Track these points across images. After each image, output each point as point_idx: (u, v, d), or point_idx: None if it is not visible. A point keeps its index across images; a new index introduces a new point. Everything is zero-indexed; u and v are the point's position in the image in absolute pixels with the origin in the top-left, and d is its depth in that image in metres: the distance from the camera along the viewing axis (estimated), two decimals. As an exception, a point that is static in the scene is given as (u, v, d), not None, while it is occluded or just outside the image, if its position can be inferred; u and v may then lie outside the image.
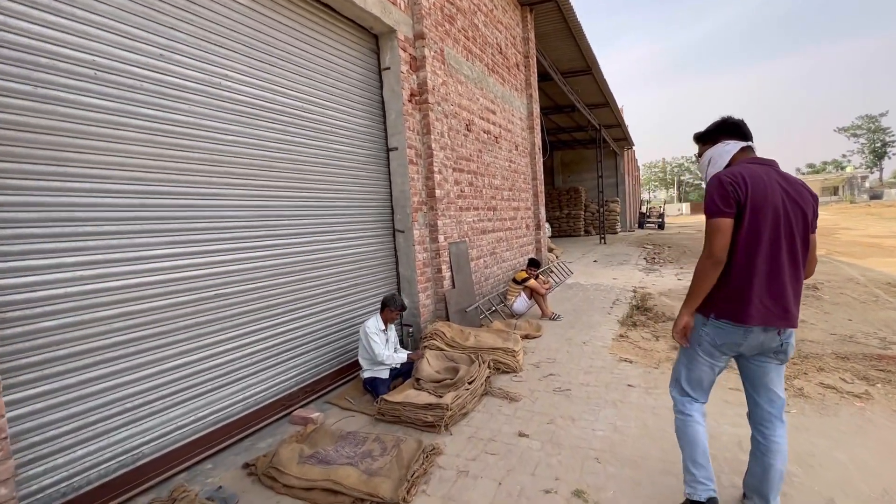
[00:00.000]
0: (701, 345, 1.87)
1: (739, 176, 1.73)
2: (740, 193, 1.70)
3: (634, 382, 3.59)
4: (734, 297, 1.75)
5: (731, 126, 1.94)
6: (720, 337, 1.81)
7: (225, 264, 2.95)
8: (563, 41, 10.24)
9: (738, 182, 1.71)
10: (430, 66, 4.81)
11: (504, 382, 3.76)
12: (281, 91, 3.42)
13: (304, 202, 3.61)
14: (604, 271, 10.21)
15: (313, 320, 3.68)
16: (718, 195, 1.73)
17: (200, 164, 2.81)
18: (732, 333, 1.77)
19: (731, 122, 1.95)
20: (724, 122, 1.97)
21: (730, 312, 1.76)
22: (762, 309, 1.71)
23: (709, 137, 2.00)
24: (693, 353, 1.92)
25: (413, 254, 4.65)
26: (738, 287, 1.74)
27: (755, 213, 1.70)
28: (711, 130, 1.99)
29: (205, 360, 2.80)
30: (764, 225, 1.70)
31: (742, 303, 1.73)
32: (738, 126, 1.93)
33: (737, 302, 1.74)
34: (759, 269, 1.72)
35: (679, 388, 2.02)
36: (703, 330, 1.85)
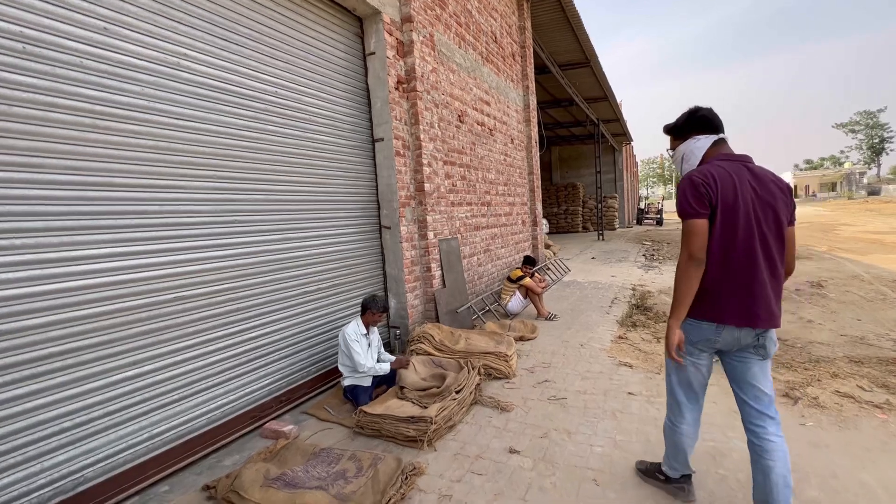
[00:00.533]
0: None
1: (710, 175, 1.71)
2: (711, 194, 1.68)
3: (635, 390, 3.34)
4: (709, 298, 1.74)
5: (701, 120, 1.88)
6: (693, 334, 1.81)
7: (185, 264, 2.67)
8: (560, 32, 9.93)
9: (709, 182, 1.69)
10: (418, 51, 4.52)
11: (495, 389, 3.50)
12: (250, 74, 3.13)
13: (280, 196, 3.33)
14: (602, 268, 9.96)
15: (289, 324, 3.40)
16: (692, 196, 1.71)
17: (153, 153, 2.52)
18: (705, 330, 1.77)
19: (700, 114, 1.88)
20: (693, 115, 1.90)
21: (704, 312, 1.75)
22: (741, 309, 1.70)
23: (679, 133, 1.95)
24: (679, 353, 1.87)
25: (400, 251, 4.38)
26: (712, 287, 1.73)
27: (726, 214, 1.69)
28: (681, 125, 1.94)
29: (161, 371, 2.53)
30: (737, 226, 1.69)
31: (716, 302, 1.73)
32: (709, 119, 1.87)
33: (710, 302, 1.74)
34: (734, 269, 1.71)
35: (670, 389, 2.00)
36: (683, 327, 1.83)
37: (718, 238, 1.70)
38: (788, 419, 2.76)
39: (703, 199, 1.69)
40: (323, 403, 3.38)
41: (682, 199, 1.73)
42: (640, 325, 5.24)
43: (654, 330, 5.01)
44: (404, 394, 3.16)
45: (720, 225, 1.70)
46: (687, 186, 1.73)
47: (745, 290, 1.70)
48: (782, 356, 3.89)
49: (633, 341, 4.63)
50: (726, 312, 1.71)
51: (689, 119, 1.91)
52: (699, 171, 1.74)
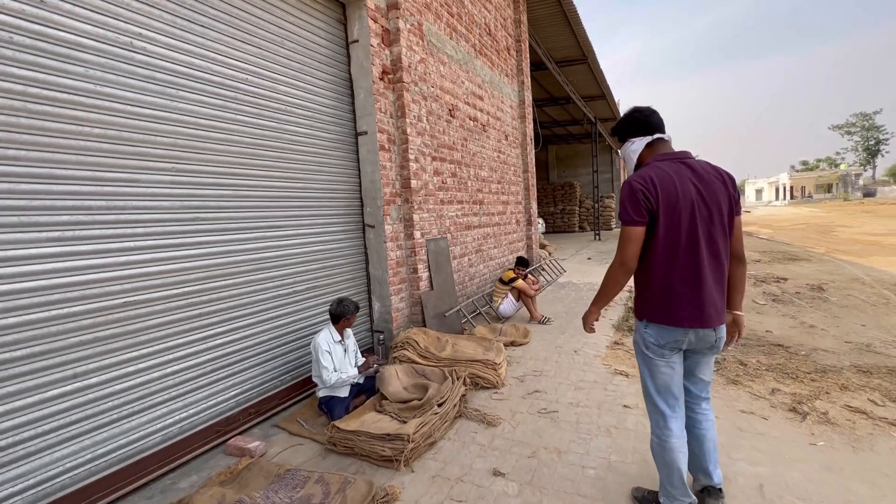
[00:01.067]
0: (648, 347, 1.86)
1: (649, 180, 1.70)
2: (651, 199, 1.68)
3: (631, 402, 3.11)
4: (661, 303, 1.77)
5: (636, 122, 1.89)
6: (661, 336, 1.80)
7: (139, 266, 2.42)
8: (557, 27, 9.69)
9: (648, 187, 1.69)
10: (405, 40, 4.27)
11: (482, 401, 3.27)
12: (217, 59, 2.88)
13: (251, 191, 3.08)
14: (598, 269, 9.74)
15: (260, 329, 3.16)
16: (630, 203, 1.70)
17: (101, 142, 2.27)
18: (672, 332, 1.77)
19: (635, 116, 1.90)
20: (628, 117, 1.91)
21: (662, 318, 1.78)
22: (692, 311, 1.72)
23: (620, 136, 1.96)
24: (646, 357, 1.88)
25: (385, 252, 4.14)
26: (663, 293, 1.75)
27: (669, 217, 1.68)
28: (617, 128, 1.95)
29: (108, 384, 2.28)
30: (680, 228, 1.69)
31: (670, 308, 1.75)
32: (643, 120, 1.88)
33: (665, 308, 1.76)
34: (681, 273, 1.72)
35: (650, 401, 1.93)
36: (645, 332, 1.85)
37: (663, 241, 1.71)
38: (797, 437, 2.55)
39: (641, 205, 1.68)
40: (296, 415, 3.14)
41: (620, 206, 1.75)
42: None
43: (651, 335, 4.79)
44: (383, 406, 2.92)
45: (664, 228, 1.70)
46: (626, 193, 1.72)
47: (693, 292, 1.71)
48: (786, 365, 3.68)
49: (629, 347, 4.41)
50: (680, 316, 1.73)
51: (624, 122, 1.92)
52: (638, 176, 1.73)
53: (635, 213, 1.70)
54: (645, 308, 1.84)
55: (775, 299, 6.37)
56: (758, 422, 2.75)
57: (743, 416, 2.82)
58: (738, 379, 3.40)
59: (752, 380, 3.39)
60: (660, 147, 1.87)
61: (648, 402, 1.95)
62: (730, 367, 3.67)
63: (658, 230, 1.71)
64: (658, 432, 1.90)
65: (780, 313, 5.60)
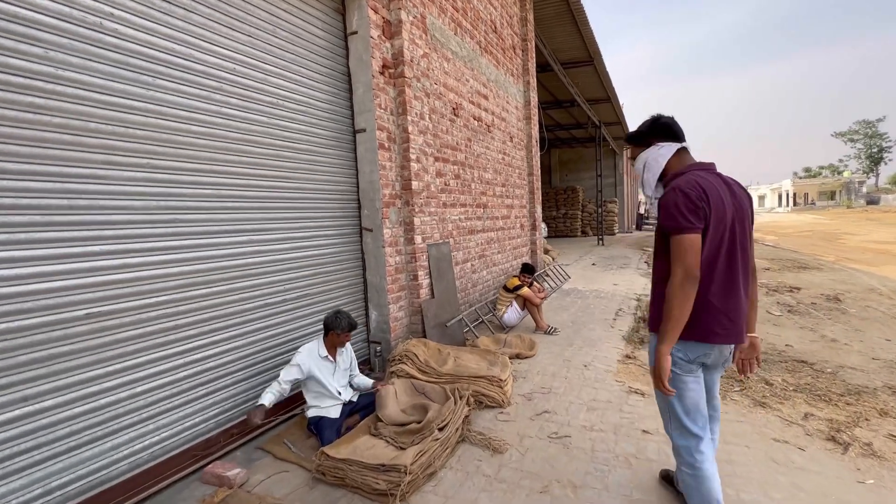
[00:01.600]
0: (676, 363, 1.73)
1: (699, 187, 1.63)
2: (706, 207, 1.62)
3: (651, 426, 2.84)
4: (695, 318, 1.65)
5: (663, 127, 1.86)
6: (691, 351, 1.72)
7: (105, 272, 2.16)
8: (563, 27, 9.47)
9: (702, 195, 1.62)
10: (407, 33, 4.03)
11: (487, 422, 3.00)
12: (200, 45, 2.62)
13: (236, 191, 2.83)
14: (604, 276, 9.48)
15: (246, 342, 2.89)
16: (687, 209, 1.61)
17: (60, 133, 2.01)
18: (702, 346, 1.71)
19: (662, 122, 1.86)
20: (656, 122, 1.88)
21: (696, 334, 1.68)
22: (727, 326, 1.67)
23: (641, 140, 1.91)
24: (674, 376, 1.73)
25: (383, 257, 3.87)
26: (698, 308, 1.65)
27: (714, 229, 1.64)
28: (643, 132, 1.90)
29: (65, 407, 2.01)
30: (722, 240, 1.65)
31: (704, 323, 1.67)
32: (670, 126, 1.85)
33: (698, 323, 1.66)
34: (717, 287, 1.66)
35: (679, 425, 1.78)
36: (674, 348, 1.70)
37: (705, 253, 1.64)
38: (841, 473, 2.27)
39: (699, 212, 1.60)
40: (283, 436, 2.86)
41: (675, 213, 1.62)
42: (647, 342, 4.76)
43: (664, 348, 4.52)
44: (378, 429, 2.65)
45: (708, 240, 1.64)
46: (680, 199, 1.62)
47: (728, 306, 1.66)
48: (815, 385, 3.41)
49: (642, 361, 4.14)
50: (714, 332, 1.66)
51: (652, 126, 1.87)
52: (688, 183, 1.66)
53: (695, 218, 1.60)
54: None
55: (791, 310, 6.10)
56: (794, 453, 2.47)
57: (777, 447, 2.54)
58: (765, 401, 3.13)
59: (780, 402, 3.12)
60: (685, 157, 1.83)
61: (676, 427, 1.80)
62: (754, 386, 3.40)
63: (705, 242, 1.64)
64: (690, 460, 1.75)
65: (798, 325, 5.32)
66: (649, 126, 1.89)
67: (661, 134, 1.86)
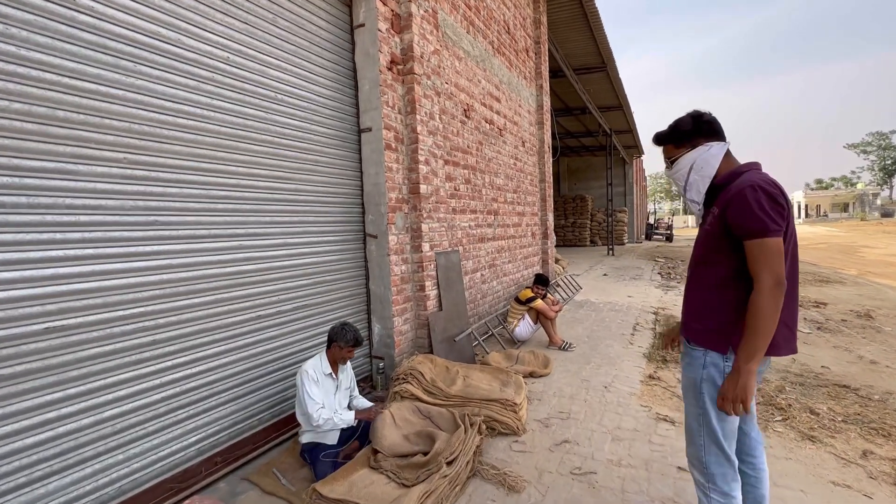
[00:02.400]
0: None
1: (779, 187, 1.48)
2: (787, 208, 1.48)
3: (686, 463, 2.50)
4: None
5: (707, 124, 1.65)
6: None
7: (71, 280, 1.89)
8: (577, 31, 9.23)
9: (782, 194, 1.48)
10: (417, 27, 3.78)
11: (501, 452, 2.68)
12: (191, 31, 2.38)
13: (227, 191, 2.56)
14: (616, 287, 9.13)
15: (233, 359, 2.61)
16: (772, 209, 1.44)
17: (21, 121, 1.75)
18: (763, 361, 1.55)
19: (706, 118, 1.66)
20: (699, 119, 1.66)
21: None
22: (787, 336, 1.54)
23: (682, 139, 1.69)
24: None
25: (388, 266, 3.59)
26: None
27: (787, 232, 1.50)
28: (686, 130, 1.68)
29: (18, 436, 1.73)
30: (789, 245, 1.53)
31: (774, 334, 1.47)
32: (715, 123, 1.66)
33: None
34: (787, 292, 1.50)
35: (718, 451, 1.57)
36: (728, 365, 1.54)
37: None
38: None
39: (783, 213, 1.45)
40: (273, 465, 2.57)
41: (759, 213, 1.43)
42: (671, 361, 4.43)
43: (689, 368, 4.18)
44: (378, 461, 2.34)
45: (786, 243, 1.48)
46: (764, 197, 1.44)
47: (789, 315, 1.54)
48: (865, 414, 3.06)
49: (666, 383, 3.80)
50: (777, 343, 1.51)
51: (696, 123, 1.66)
52: (766, 181, 1.47)
53: (780, 220, 1.44)
54: (733, 336, 1.51)
55: (820, 327, 5.72)
56: (860, 501, 2.13)
57: (837, 493, 2.20)
58: (813, 434, 2.78)
59: (831, 435, 2.77)
60: (731, 157, 1.65)
61: (714, 453, 1.59)
62: (798, 415, 3.05)
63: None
64: (726, 488, 1.58)
65: (831, 344, 4.96)
66: (692, 124, 1.66)
67: (706, 132, 1.64)
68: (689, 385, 1.64)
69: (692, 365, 1.62)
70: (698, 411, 1.60)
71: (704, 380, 1.57)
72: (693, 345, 1.62)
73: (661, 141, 1.75)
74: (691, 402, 1.63)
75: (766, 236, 1.43)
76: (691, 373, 1.62)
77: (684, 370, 1.68)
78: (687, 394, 1.66)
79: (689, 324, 1.65)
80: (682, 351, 1.72)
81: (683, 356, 1.70)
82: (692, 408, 1.63)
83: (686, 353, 1.67)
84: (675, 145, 1.70)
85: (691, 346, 1.64)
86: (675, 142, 1.70)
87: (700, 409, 1.59)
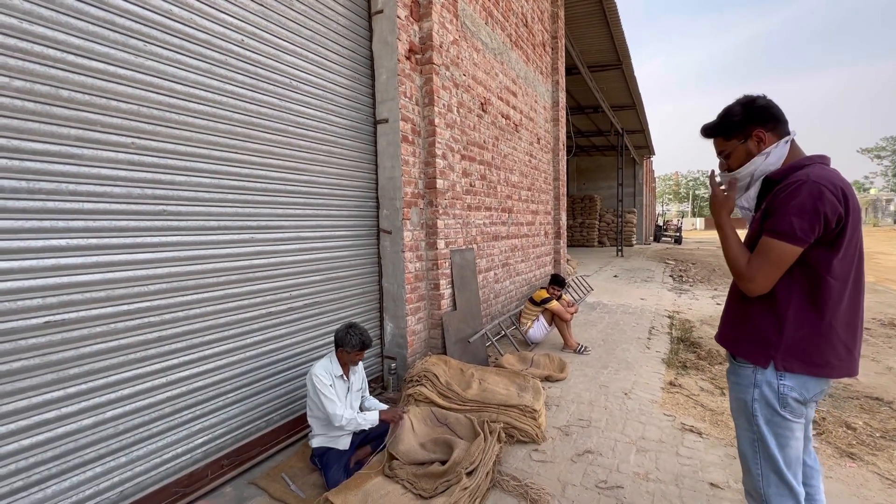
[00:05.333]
0: (786, 405, 1.38)
1: (837, 187, 1.28)
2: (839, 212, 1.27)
3: (718, 478, 2.36)
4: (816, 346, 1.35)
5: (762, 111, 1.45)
6: (808, 388, 1.38)
7: (72, 272, 1.77)
8: (593, 27, 9.04)
9: (838, 196, 1.27)
10: (437, 15, 3.63)
11: (520, 461, 2.54)
12: (204, 11, 2.25)
13: (238, 181, 2.44)
14: (628, 289, 8.96)
15: (241, 357, 2.49)
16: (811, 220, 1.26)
17: (23, 99, 1.63)
18: (820, 382, 1.39)
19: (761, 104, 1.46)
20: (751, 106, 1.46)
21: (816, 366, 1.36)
22: (847, 356, 1.36)
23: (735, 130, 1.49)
24: (782, 421, 1.39)
25: (402, 263, 3.46)
26: (824, 334, 1.35)
27: (851, 236, 1.32)
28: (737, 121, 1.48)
29: (13, 438, 1.62)
30: (855, 252, 1.34)
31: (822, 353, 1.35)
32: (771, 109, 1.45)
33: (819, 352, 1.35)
34: (845, 308, 1.35)
35: (779, 481, 1.40)
36: (783, 384, 1.38)
37: (840, 268, 1.32)
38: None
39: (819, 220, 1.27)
40: (282, 469, 2.45)
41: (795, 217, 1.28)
42: (691, 367, 4.26)
43: (711, 375, 4.02)
44: (393, 469, 2.22)
45: (844, 251, 1.31)
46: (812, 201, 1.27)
47: (851, 334, 1.38)
48: (904, 431, 2.89)
49: (689, 390, 3.65)
50: (832, 364, 1.36)
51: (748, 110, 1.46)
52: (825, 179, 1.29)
53: (809, 228, 1.27)
54: (791, 351, 1.36)
55: (843, 335, 5.52)
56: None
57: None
58: (852, 450, 2.63)
59: (871, 452, 2.61)
60: (796, 147, 1.46)
61: (774, 483, 1.42)
62: (833, 430, 2.89)
63: (837, 252, 1.31)
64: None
65: (857, 354, 4.77)
66: (743, 112, 1.46)
67: (759, 119, 1.44)
68: (739, 408, 1.48)
69: (741, 385, 1.47)
70: (752, 436, 1.44)
71: (756, 400, 1.42)
72: (740, 361, 1.47)
73: (709, 133, 1.58)
74: (743, 425, 1.47)
75: (784, 241, 1.31)
76: (740, 393, 1.47)
77: (732, 391, 1.52)
78: (738, 417, 1.50)
79: (734, 338, 1.50)
80: (728, 369, 1.57)
81: (729, 374, 1.55)
82: (745, 432, 1.47)
83: (732, 371, 1.52)
84: (724, 138, 1.53)
85: (738, 362, 1.48)
86: (724, 134, 1.53)
87: (754, 434, 1.43)
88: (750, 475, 1.46)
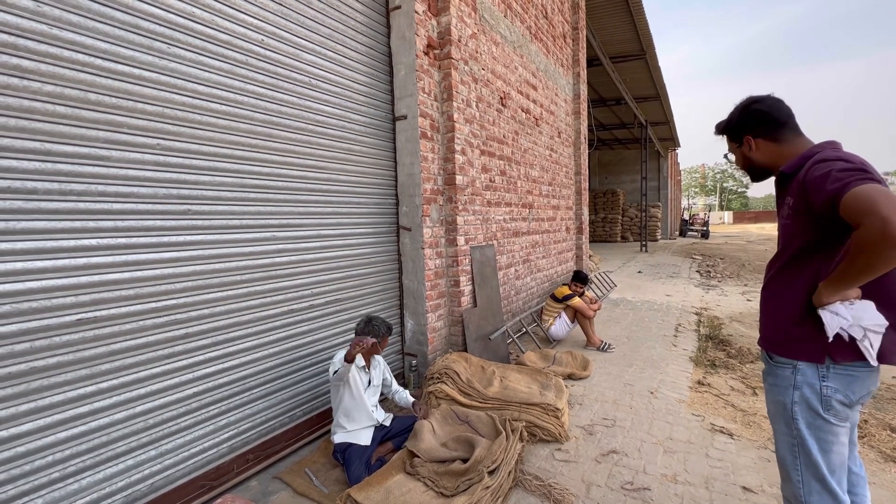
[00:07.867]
0: (830, 407, 1.29)
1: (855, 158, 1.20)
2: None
3: (752, 482, 2.27)
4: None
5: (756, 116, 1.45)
6: (855, 386, 1.27)
7: (103, 271, 1.82)
8: (615, 16, 8.81)
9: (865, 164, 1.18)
10: (455, 9, 3.59)
11: (543, 461, 2.51)
12: (225, 12, 2.28)
13: (260, 180, 2.47)
14: (653, 285, 8.74)
15: (265, 353, 2.52)
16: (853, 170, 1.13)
17: (53, 103, 1.68)
18: (869, 378, 1.28)
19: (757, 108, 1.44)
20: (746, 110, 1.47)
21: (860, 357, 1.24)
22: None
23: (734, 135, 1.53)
24: (824, 424, 1.30)
25: (422, 259, 3.45)
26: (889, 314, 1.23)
27: None
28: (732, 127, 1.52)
29: (50, 431, 1.68)
30: None
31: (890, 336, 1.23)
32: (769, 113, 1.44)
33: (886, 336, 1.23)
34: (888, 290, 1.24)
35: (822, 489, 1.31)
36: (825, 383, 1.29)
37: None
38: None
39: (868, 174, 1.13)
40: (305, 464, 2.48)
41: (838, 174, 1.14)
42: (720, 366, 4.12)
43: (742, 374, 3.88)
44: (415, 466, 2.21)
45: None
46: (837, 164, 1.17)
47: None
48: (954, 435, 2.72)
49: (718, 390, 3.53)
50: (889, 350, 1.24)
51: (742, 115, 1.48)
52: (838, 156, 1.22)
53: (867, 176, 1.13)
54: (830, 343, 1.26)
55: (885, 333, 5.24)
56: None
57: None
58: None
59: (918, 458, 2.47)
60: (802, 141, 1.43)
61: (816, 491, 1.33)
62: (875, 432, 2.75)
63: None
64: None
65: None
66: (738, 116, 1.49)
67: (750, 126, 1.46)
68: (777, 411, 1.40)
69: (779, 386, 1.39)
70: (792, 440, 1.36)
71: (797, 402, 1.34)
72: (778, 359, 1.39)
73: (718, 133, 1.60)
74: (782, 429, 1.39)
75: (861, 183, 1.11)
76: (779, 395, 1.39)
77: (769, 393, 1.44)
78: (776, 421, 1.42)
79: (772, 335, 1.42)
80: (764, 370, 1.49)
81: (766, 376, 1.46)
82: (784, 436, 1.39)
83: (769, 371, 1.44)
84: (728, 139, 1.57)
85: (775, 361, 1.40)
86: (727, 135, 1.57)
87: (794, 438, 1.35)
88: (789, 482, 1.38)
